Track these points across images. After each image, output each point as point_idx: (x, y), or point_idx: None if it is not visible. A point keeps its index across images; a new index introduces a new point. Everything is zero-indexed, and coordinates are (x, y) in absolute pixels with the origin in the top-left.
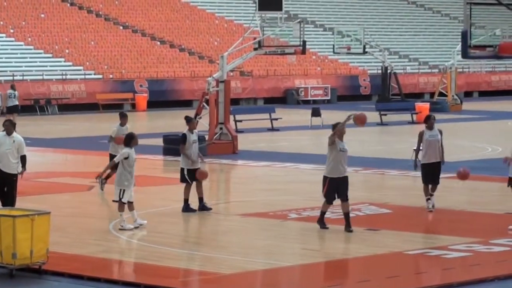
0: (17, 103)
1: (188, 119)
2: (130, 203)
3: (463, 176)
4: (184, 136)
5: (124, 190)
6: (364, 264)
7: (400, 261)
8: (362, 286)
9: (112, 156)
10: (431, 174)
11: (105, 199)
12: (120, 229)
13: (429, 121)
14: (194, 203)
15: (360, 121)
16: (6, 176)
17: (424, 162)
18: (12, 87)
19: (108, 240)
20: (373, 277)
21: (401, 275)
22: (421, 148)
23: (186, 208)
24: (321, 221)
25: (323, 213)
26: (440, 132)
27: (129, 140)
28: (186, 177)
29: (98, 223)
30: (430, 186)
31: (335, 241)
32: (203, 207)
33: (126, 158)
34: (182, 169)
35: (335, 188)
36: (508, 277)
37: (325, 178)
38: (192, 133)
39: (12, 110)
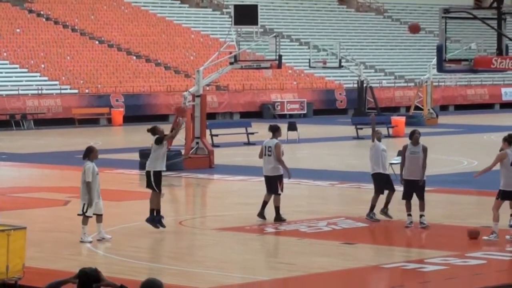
0: None
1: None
2: (98, 216)
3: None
4: (159, 138)
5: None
6: (341, 278)
7: (377, 274)
8: None
9: None
10: (411, 191)
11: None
12: (80, 241)
13: (413, 136)
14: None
15: None
16: None
17: (405, 178)
18: None
19: (84, 255)
20: None
21: None
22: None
23: (153, 219)
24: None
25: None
26: (424, 149)
27: (89, 153)
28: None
29: (74, 238)
30: (418, 203)
31: (311, 255)
32: (159, 221)
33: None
34: (158, 173)
35: None
36: None
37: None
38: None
39: None
